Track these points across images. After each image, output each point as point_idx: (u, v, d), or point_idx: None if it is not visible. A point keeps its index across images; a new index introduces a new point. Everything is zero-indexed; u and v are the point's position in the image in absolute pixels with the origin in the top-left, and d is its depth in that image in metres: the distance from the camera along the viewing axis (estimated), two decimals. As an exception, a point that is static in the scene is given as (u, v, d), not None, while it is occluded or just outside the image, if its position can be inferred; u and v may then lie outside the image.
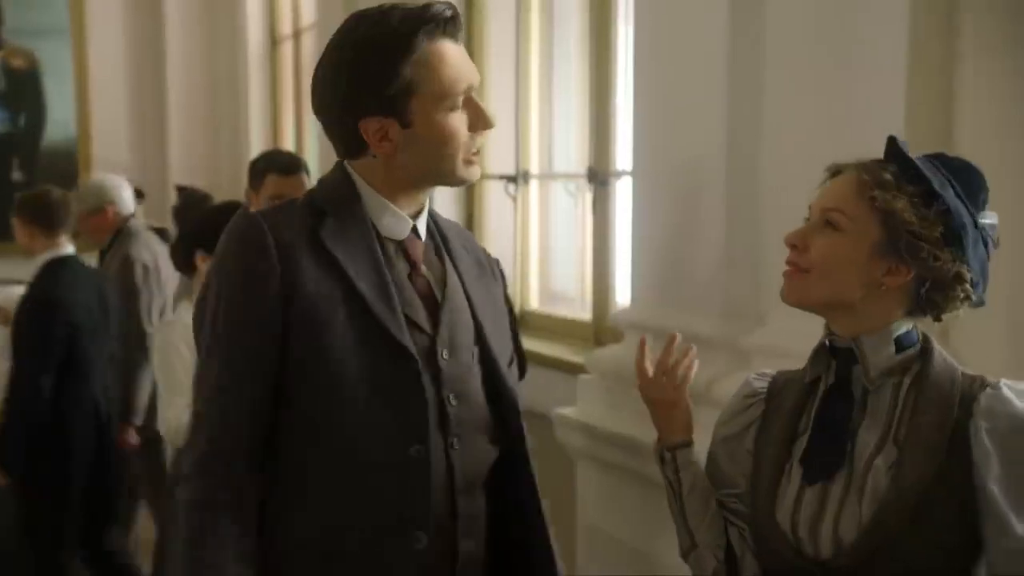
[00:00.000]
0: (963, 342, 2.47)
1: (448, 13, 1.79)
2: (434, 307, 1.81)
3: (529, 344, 4.25)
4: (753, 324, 2.93)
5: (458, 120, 1.75)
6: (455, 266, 1.87)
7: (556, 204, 4.69)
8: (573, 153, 4.53)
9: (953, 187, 1.62)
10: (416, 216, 1.83)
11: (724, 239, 3.06)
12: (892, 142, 1.65)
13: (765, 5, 2.91)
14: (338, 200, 1.78)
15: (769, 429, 1.74)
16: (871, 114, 2.56)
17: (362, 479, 1.72)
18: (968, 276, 1.62)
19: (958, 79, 2.46)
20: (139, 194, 7.82)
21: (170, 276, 4.63)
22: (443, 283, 1.84)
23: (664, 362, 1.89)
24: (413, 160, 1.76)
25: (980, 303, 1.68)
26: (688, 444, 1.83)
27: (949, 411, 1.58)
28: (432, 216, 1.89)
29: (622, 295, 4.00)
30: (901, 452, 1.58)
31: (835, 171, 1.69)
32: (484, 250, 2.00)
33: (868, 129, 2.51)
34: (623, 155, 4.02)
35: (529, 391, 3.75)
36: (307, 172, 3.68)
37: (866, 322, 1.63)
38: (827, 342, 1.70)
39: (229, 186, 8.38)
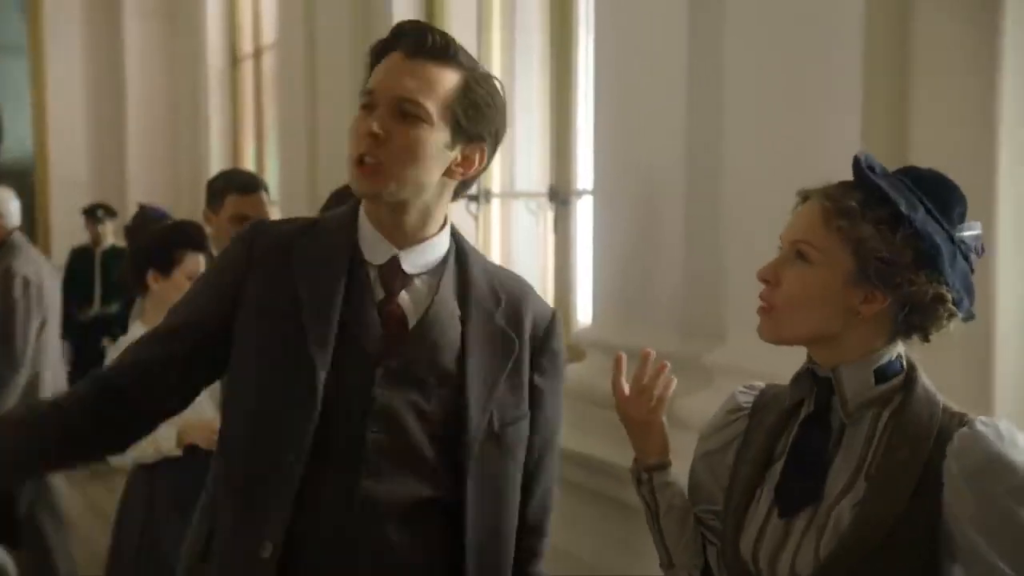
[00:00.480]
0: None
1: (406, 28, 1.84)
2: (400, 339, 1.78)
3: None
4: (714, 342, 2.94)
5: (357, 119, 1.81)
6: (450, 311, 1.82)
7: (518, 223, 4.70)
8: (534, 172, 4.54)
9: (925, 205, 1.56)
10: (405, 247, 1.81)
11: (685, 257, 3.07)
12: (856, 163, 1.58)
13: (723, 25, 2.93)
14: (335, 218, 1.86)
15: (748, 448, 1.70)
16: (829, 130, 2.58)
17: (238, 481, 1.79)
18: (949, 295, 1.55)
19: (913, 93, 2.49)
20: (109, 212, 7.77)
21: (54, 293, 4.66)
22: (422, 319, 1.80)
23: (639, 379, 1.85)
24: None
25: (970, 317, 1.60)
26: (665, 466, 1.79)
27: (922, 449, 1.52)
28: (470, 266, 1.86)
29: (584, 313, 4.00)
30: (869, 489, 1.54)
31: (804, 197, 1.62)
32: (542, 323, 1.92)
33: (826, 145, 2.54)
34: (584, 174, 4.04)
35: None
36: (266, 191, 3.65)
37: (846, 352, 1.58)
38: (810, 368, 1.65)
39: (189, 204, 8.33)
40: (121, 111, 8.90)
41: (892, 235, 1.54)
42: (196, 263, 3.31)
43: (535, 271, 4.52)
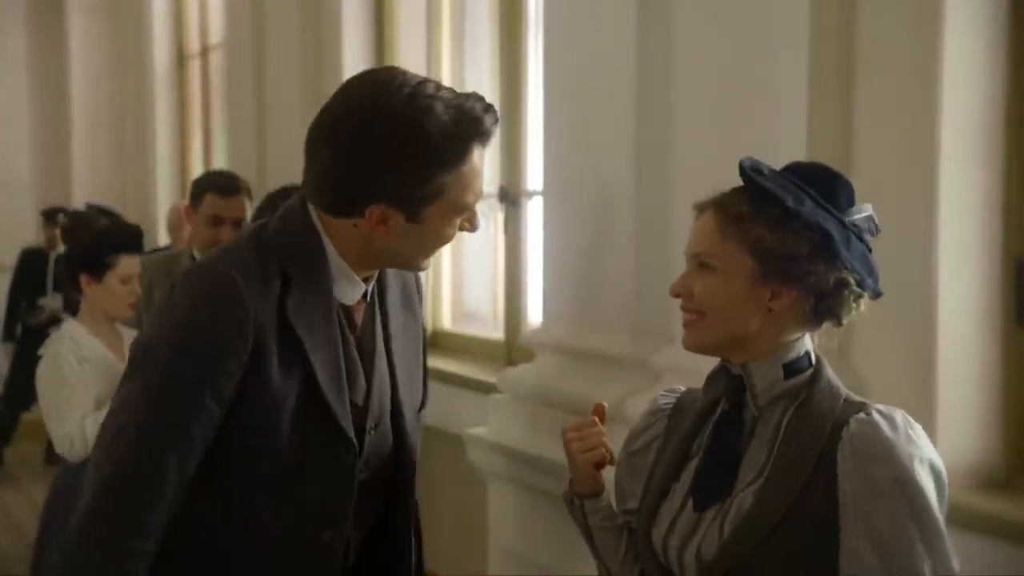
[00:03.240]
0: (866, 365, 2.53)
1: (494, 122, 1.67)
2: (367, 373, 1.75)
3: (441, 364, 4.24)
4: (663, 343, 2.96)
5: (456, 227, 1.68)
6: (385, 319, 1.80)
7: (468, 224, 4.69)
8: (485, 172, 4.53)
9: (811, 196, 1.62)
10: (368, 280, 1.75)
11: (634, 259, 3.09)
12: (741, 169, 1.63)
13: (671, 27, 2.96)
14: (303, 260, 1.65)
15: (666, 447, 1.75)
16: (776, 131, 2.62)
17: (270, 556, 1.67)
18: (851, 278, 1.61)
19: (857, 95, 2.53)
20: (55, 214, 7.64)
21: None
22: (372, 348, 1.77)
23: (585, 423, 1.85)
24: (395, 248, 1.67)
25: (877, 294, 1.66)
26: (596, 494, 1.81)
27: (820, 436, 1.58)
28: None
29: (534, 314, 4.01)
30: (768, 475, 1.59)
31: (699, 209, 1.68)
32: (412, 287, 1.90)
33: (774, 146, 2.57)
34: (534, 175, 4.05)
35: (441, 411, 3.75)
36: (248, 195, 3.62)
37: (757, 349, 1.63)
38: (724, 366, 1.72)
39: (136, 204, 8.24)
40: (65, 110, 8.78)
41: (785, 231, 1.60)
42: (129, 266, 3.29)
43: (485, 272, 4.52)
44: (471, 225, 1.71)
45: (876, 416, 1.58)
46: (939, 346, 2.41)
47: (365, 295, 1.75)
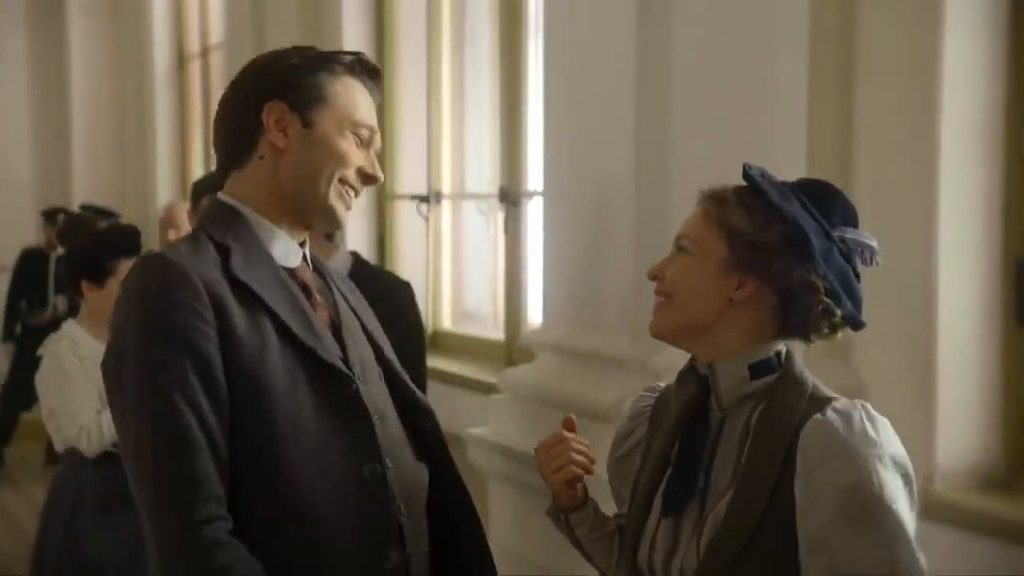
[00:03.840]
0: (866, 365, 2.53)
1: (373, 64, 1.84)
2: (336, 333, 1.78)
3: (441, 364, 4.24)
4: (662, 344, 2.96)
5: (353, 149, 1.77)
6: (340, 292, 1.86)
7: (468, 224, 4.70)
8: (485, 173, 4.54)
9: (800, 200, 1.61)
10: (302, 245, 1.81)
11: (634, 259, 3.09)
12: (744, 169, 1.63)
13: (671, 28, 2.96)
14: (231, 230, 1.73)
15: (648, 452, 1.72)
16: (776, 131, 2.62)
17: (316, 508, 1.66)
18: (820, 285, 1.56)
19: (857, 95, 2.53)
20: (55, 214, 7.64)
21: None
22: (336, 309, 1.82)
23: (554, 439, 1.82)
24: (298, 167, 1.74)
25: (856, 323, 1.60)
26: (578, 508, 1.80)
27: (783, 439, 1.54)
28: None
29: (534, 314, 4.01)
30: (738, 483, 1.56)
31: (697, 201, 1.68)
32: (348, 279, 1.99)
33: (774, 146, 2.57)
34: (534, 175, 4.05)
35: (441, 411, 3.74)
36: None
37: (722, 347, 1.61)
38: (692, 366, 1.68)
39: (135, 205, 8.25)
40: (65, 110, 8.78)
41: (761, 218, 1.59)
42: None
43: (486, 272, 4.52)
44: (369, 167, 1.77)
45: (831, 415, 1.52)
46: (939, 346, 2.41)
47: (307, 261, 1.81)
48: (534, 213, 4.06)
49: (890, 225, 2.43)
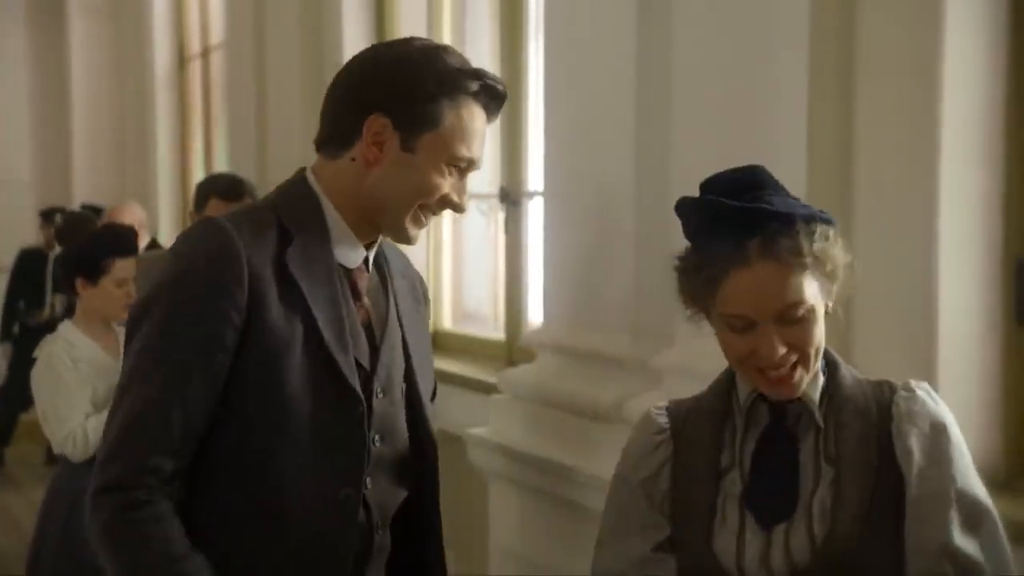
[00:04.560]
0: (866, 365, 2.52)
1: (502, 91, 1.75)
2: (372, 341, 1.77)
3: (442, 364, 4.23)
4: (663, 344, 2.96)
5: (446, 180, 1.71)
6: (395, 298, 1.82)
7: (469, 223, 4.70)
8: (486, 173, 4.54)
9: (781, 197, 1.65)
10: (369, 247, 1.78)
11: (634, 259, 3.09)
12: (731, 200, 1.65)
13: (671, 27, 2.96)
14: (303, 218, 1.70)
15: (688, 466, 1.69)
16: (775, 133, 2.61)
17: (287, 517, 1.67)
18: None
19: (858, 94, 2.53)
20: (53, 214, 7.65)
21: None
22: (384, 318, 1.79)
23: None
24: (385, 184, 1.70)
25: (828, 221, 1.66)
26: None
27: (870, 420, 1.61)
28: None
29: (535, 314, 4.01)
30: (837, 469, 1.59)
31: (739, 263, 1.58)
32: (418, 274, 1.96)
33: (774, 146, 2.57)
34: (535, 175, 4.05)
35: (441, 411, 3.74)
36: (252, 197, 3.61)
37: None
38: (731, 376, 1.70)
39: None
40: (66, 110, 8.78)
41: (806, 238, 1.60)
42: (125, 269, 3.30)
43: (486, 272, 4.52)
44: (456, 197, 1.73)
45: (919, 391, 1.65)
46: (939, 346, 2.41)
47: (367, 263, 1.77)
48: (534, 213, 4.06)
49: (890, 225, 2.42)
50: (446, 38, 4.70)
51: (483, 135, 1.73)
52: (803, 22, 2.56)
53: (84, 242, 3.42)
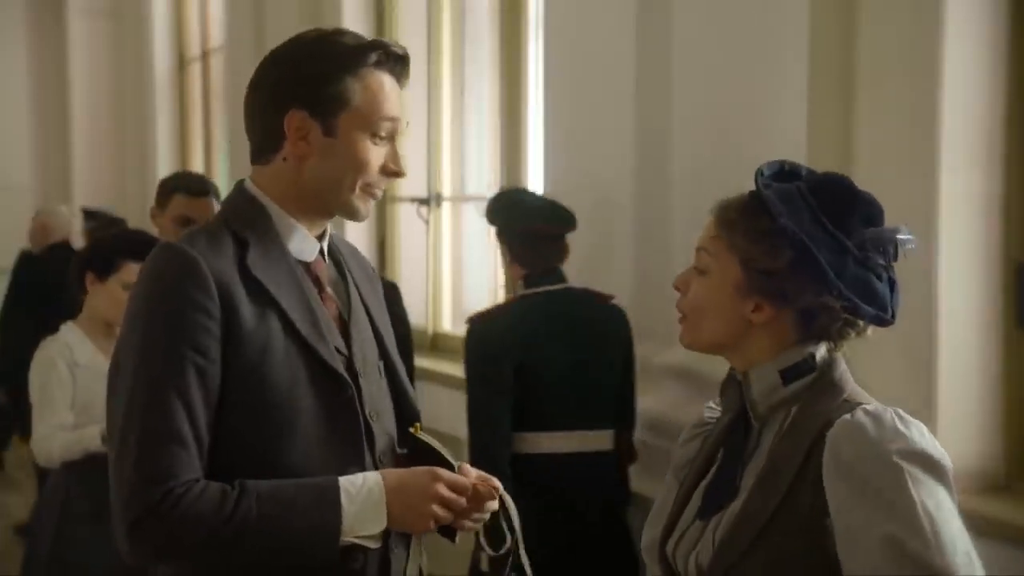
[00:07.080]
0: (866, 368, 2.52)
1: (400, 52, 1.81)
2: (343, 327, 1.81)
3: (441, 365, 4.23)
4: (663, 344, 2.96)
5: (375, 151, 1.75)
6: (354, 282, 1.87)
7: (469, 226, 4.69)
8: (485, 175, 4.54)
9: (811, 208, 1.57)
10: (321, 238, 1.83)
11: (634, 259, 3.09)
12: (756, 177, 1.60)
13: (671, 30, 2.96)
14: (252, 224, 1.76)
15: (697, 458, 1.73)
16: (775, 133, 2.61)
17: None
18: (835, 305, 1.54)
19: (858, 97, 2.53)
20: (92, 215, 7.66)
21: None
22: (347, 303, 1.84)
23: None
24: (320, 173, 1.75)
25: (882, 321, 1.59)
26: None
27: (806, 439, 1.54)
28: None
29: (534, 316, 4.00)
30: (756, 481, 1.57)
31: (711, 210, 1.65)
32: (364, 257, 2.02)
33: (774, 149, 2.56)
34: (535, 175, 4.04)
35: (441, 412, 3.74)
36: (216, 197, 3.63)
37: (754, 356, 1.60)
38: (731, 373, 1.69)
39: (136, 209, 8.24)
40: (66, 113, 8.78)
41: (765, 244, 1.56)
42: (134, 273, 3.30)
43: (486, 274, 4.52)
44: (393, 163, 1.77)
45: (860, 416, 1.51)
46: (939, 349, 2.40)
47: (323, 254, 1.82)
48: (534, 215, 4.05)
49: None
50: (446, 38, 4.70)
51: (397, 98, 1.79)
52: (803, 23, 2.56)
53: (102, 240, 3.47)
